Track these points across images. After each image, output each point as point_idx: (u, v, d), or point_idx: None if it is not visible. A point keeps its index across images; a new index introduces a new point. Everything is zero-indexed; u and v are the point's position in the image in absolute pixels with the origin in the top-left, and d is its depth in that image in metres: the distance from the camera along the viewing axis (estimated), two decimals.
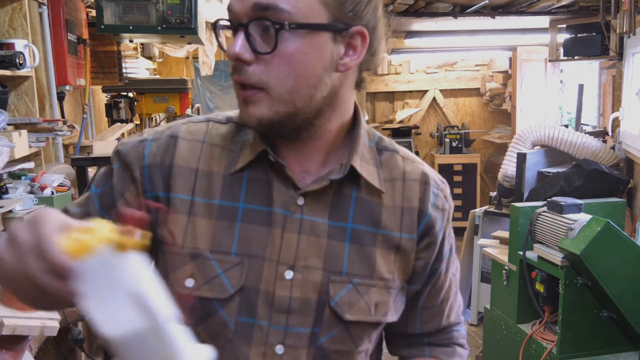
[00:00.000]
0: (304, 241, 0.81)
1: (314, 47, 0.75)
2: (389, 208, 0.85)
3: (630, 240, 2.39)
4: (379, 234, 0.84)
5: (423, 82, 6.92)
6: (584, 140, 3.69)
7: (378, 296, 0.84)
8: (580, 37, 3.96)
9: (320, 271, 0.81)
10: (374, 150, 0.88)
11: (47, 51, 2.63)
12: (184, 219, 0.80)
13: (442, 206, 0.89)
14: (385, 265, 0.84)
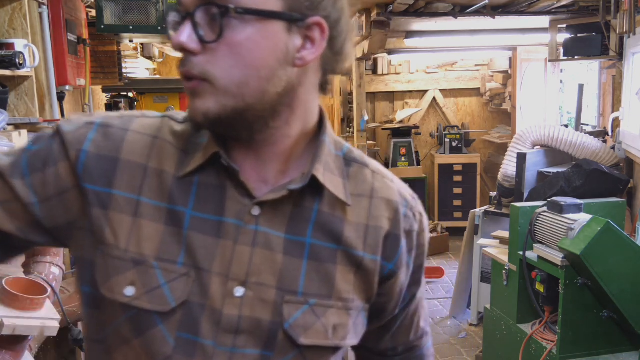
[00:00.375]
0: (257, 255, 0.73)
1: (266, 36, 0.69)
2: (352, 224, 0.78)
3: (630, 240, 2.39)
4: (339, 251, 0.77)
5: (423, 82, 6.92)
6: (584, 140, 3.69)
7: (337, 318, 0.76)
8: (580, 37, 3.96)
9: (274, 290, 0.73)
10: (341, 160, 0.80)
11: (47, 51, 2.63)
12: (129, 221, 0.72)
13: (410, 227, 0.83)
14: (345, 285, 0.77)
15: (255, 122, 0.72)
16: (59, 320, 1.76)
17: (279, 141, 0.75)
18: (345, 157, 0.81)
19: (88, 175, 0.73)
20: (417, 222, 0.84)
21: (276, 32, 0.69)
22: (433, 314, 4.38)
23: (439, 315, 4.37)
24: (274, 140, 0.75)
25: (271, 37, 0.69)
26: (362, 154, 0.84)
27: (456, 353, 3.77)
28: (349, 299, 0.77)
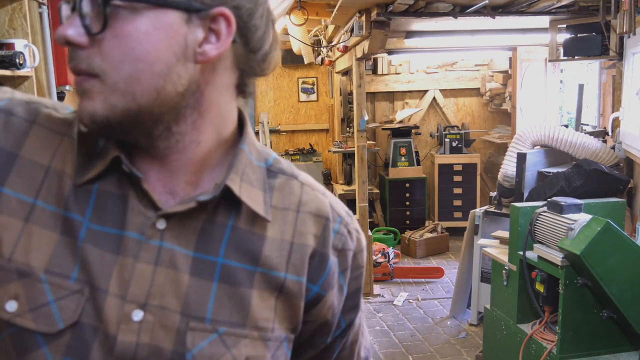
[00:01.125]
0: (160, 275, 0.64)
1: (159, 27, 0.61)
2: (274, 242, 0.69)
3: (630, 240, 2.39)
4: (257, 273, 0.68)
5: (423, 82, 6.92)
6: (584, 140, 3.69)
7: (251, 349, 0.67)
8: (580, 37, 3.96)
9: (177, 315, 0.64)
10: (263, 171, 0.72)
11: (47, 51, 2.63)
12: (18, 225, 0.63)
13: (343, 245, 0.74)
14: (263, 312, 0.68)
15: (153, 127, 0.64)
16: None
17: (187, 148, 0.67)
18: (270, 168, 0.73)
19: None
20: (352, 240, 0.76)
21: (172, 23, 0.61)
22: (433, 314, 4.38)
23: (439, 315, 4.37)
24: (181, 147, 0.66)
25: (166, 28, 0.61)
26: (290, 165, 0.77)
27: (456, 353, 3.77)
28: (267, 327, 0.68)
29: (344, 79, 6.71)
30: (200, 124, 0.67)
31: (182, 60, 0.63)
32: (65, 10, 0.63)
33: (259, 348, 0.68)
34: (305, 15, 5.33)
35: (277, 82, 7.96)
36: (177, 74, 0.63)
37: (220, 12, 0.62)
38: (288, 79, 7.98)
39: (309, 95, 8.04)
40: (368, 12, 4.31)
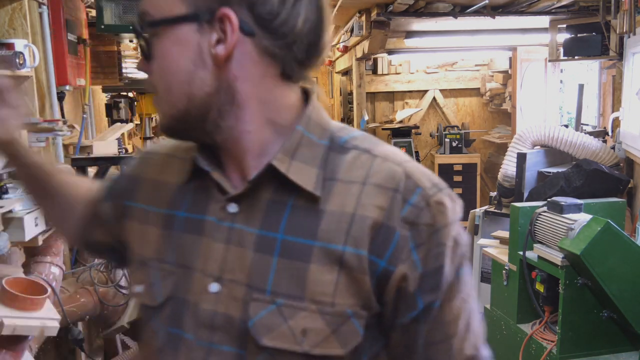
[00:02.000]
0: (231, 252, 0.73)
1: (175, 42, 0.70)
2: (334, 215, 0.70)
3: (630, 240, 2.39)
4: (315, 247, 0.70)
5: (423, 82, 6.91)
6: (584, 140, 3.69)
7: (309, 322, 0.69)
8: (580, 37, 3.96)
9: (244, 287, 0.71)
10: (323, 149, 0.74)
11: (47, 51, 2.63)
12: (139, 228, 0.82)
13: (416, 218, 0.70)
14: (321, 286, 0.69)
15: (202, 125, 0.72)
16: (59, 320, 1.76)
17: (241, 138, 0.73)
18: (344, 145, 0.75)
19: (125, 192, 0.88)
20: (431, 213, 0.71)
21: (185, 35, 0.69)
22: None
23: None
24: (235, 138, 0.73)
25: (180, 41, 0.70)
26: (372, 141, 0.77)
27: None
28: (326, 301, 0.69)
29: (344, 79, 6.71)
30: (243, 115, 0.72)
31: (200, 65, 0.70)
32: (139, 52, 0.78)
33: (317, 321, 0.69)
34: None
35: None
36: (200, 78, 0.70)
37: (221, 13, 0.68)
38: None
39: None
40: (368, 12, 4.31)
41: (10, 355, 1.63)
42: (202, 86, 0.70)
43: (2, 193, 1.86)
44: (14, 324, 1.58)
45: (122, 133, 3.95)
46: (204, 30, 0.69)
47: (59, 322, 1.77)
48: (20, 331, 1.60)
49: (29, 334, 1.65)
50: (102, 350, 3.15)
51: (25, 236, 1.78)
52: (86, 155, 2.83)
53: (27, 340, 1.70)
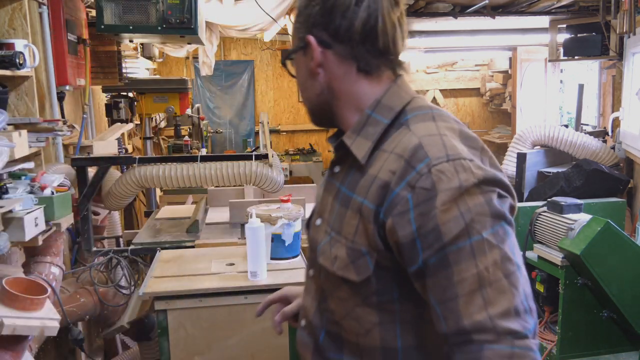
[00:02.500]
0: (327, 199, 1.04)
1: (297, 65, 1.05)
2: (369, 176, 0.92)
3: (630, 240, 2.39)
4: (352, 198, 0.95)
5: (423, 82, 6.92)
6: (584, 140, 3.69)
7: (340, 251, 0.95)
8: (580, 37, 3.96)
9: (326, 222, 1.02)
10: (383, 126, 0.95)
11: (47, 51, 2.63)
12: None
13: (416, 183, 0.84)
14: (350, 227, 0.94)
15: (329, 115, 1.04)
16: (59, 320, 1.76)
17: (345, 122, 1.01)
18: (404, 123, 0.94)
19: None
20: (430, 179, 0.83)
21: (298, 60, 1.04)
22: None
23: None
24: (343, 122, 1.02)
25: (298, 64, 1.04)
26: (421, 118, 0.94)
27: None
28: (351, 239, 0.93)
29: None
30: (342, 106, 1.01)
31: (309, 77, 1.01)
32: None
33: (342, 251, 0.95)
34: None
35: (277, 82, 7.96)
36: (311, 85, 1.02)
37: (306, 39, 0.98)
38: (288, 79, 7.98)
39: None
40: None
41: (10, 355, 1.63)
42: (313, 90, 1.02)
43: (2, 193, 1.86)
44: (14, 324, 1.58)
45: (122, 133, 3.95)
46: (305, 53, 1.00)
47: (59, 322, 1.77)
48: (20, 331, 1.60)
49: (29, 334, 1.65)
50: (102, 350, 3.14)
51: (25, 236, 1.78)
52: (86, 155, 2.83)
53: (27, 340, 1.70)
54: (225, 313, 1.95)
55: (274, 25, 5.33)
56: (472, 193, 0.83)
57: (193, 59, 7.28)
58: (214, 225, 2.82)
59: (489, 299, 0.80)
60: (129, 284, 2.66)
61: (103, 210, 3.00)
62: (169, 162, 2.64)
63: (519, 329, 0.79)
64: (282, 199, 2.25)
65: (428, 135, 0.88)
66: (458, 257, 0.82)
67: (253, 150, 6.00)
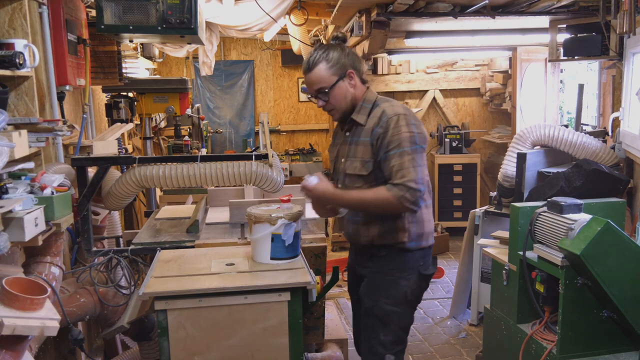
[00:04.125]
0: (346, 147, 2.30)
1: (337, 89, 2.23)
2: (367, 129, 2.21)
3: (630, 240, 2.39)
4: (360, 140, 2.24)
5: (423, 82, 6.92)
6: (584, 140, 3.69)
7: (357, 163, 2.23)
8: (580, 37, 3.96)
9: (347, 156, 2.29)
10: (369, 108, 2.26)
11: (47, 51, 2.63)
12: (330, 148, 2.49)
13: (380, 124, 2.17)
14: (359, 152, 2.23)
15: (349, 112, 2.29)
16: (59, 320, 1.76)
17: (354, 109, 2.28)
18: (373, 106, 2.25)
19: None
20: (387, 123, 2.15)
21: (340, 85, 2.23)
22: (433, 314, 4.38)
23: (439, 315, 4.37)
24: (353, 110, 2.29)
25: (340, 88, 2.24)
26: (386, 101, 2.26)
27: (456, 353, 3.77)
28: (361, 156, 2.22)
29: None
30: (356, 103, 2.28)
31: (347, 92, 2.25)
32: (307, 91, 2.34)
33: (357, 162, 2.24)
34: (305, 15, 5.32)
35: (277, 82, 7.96)
36: (348, 96, 2.26)
37: (349, 72, 2.23)
38: (288, 79, 7.98)
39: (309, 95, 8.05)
40: (368, 12, 4.31)
41: (10, 355, 1.63)
42: (349, 100, 2.26)
43: (2, 193, 1.86)
44: (14, 324, 1.58)
45: (122, 133, 3.95)
46: (345, 80, 2.23)
47: (59, 322, 1.77)
48: (20, 331, 1.60)
49: (29, 334, 1.65)
50: (102, 350, 3.14)
51: (25, 236, 1.78)
52: (86, 155, 2.83)
53: (27, 340, 1.70)
54: (225, 313, 1.95)
55: (274, 25, 5.33)
56: (403, 130, 2.13)
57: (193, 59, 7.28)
58: (214, 225, 2.82)
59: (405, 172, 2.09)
60: (129, 284, 2.66)
61: (103, 210, 3.00)
62: (169, 162, 2.63)
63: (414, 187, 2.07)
64: (282, 199, 2.25)
65: (388, 107, 2.21)
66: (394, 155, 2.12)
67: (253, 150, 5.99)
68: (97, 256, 2.59)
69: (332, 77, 2.17)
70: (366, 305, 2.29)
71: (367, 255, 2.31)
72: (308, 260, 2.28)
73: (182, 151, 4.80)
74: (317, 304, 2.45)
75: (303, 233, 2.46)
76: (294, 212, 2.17)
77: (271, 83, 7.97)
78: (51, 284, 2.03)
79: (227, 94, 7.93)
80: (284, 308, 1.98)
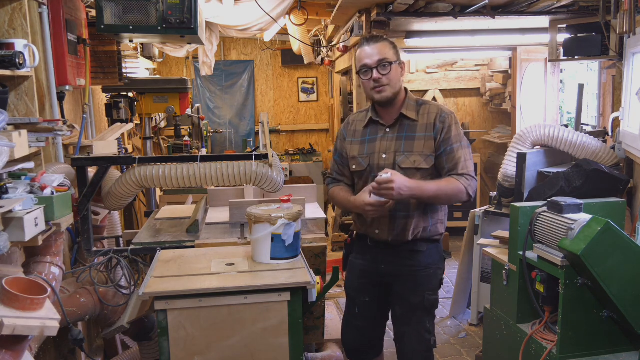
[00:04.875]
0: (387, 142, 2.39)
1: (395, 69, 2.34)
2: (422, 125, 2.36)
3: (630, 240, 2.39)
4: (416, 135, 2.35)
5: (423, 82, 6.92)
6: (584, 140, 3.69)
7: (416, 158, 2.33)
8: (580, 37, 3.96)
9: (392, 152, 2.37)
10: (414, 105, 2.40)
11: (47, 51, 2.63)
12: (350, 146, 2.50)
13: (440, 119, 2.33)
14: (419, 146, 2.34)
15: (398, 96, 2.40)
16: (59, 320, 1.76)
17: (398, 103, 2.41)
18: (418, 103, 2.42)
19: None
20: (446, 118, 2.33)
21: (396, 68, 2.34)
22: None
23: (439, 315, 4.37)
24: (397, 104, 2.41)
25: (396, 69, 2.35)
26: (429, 102, 2.43)
27: (456, 353, 3.77)
28: (420, 151, 2.34)
29: (344, 79, 6.70)
30: (401, 95, 2.41)
31: (400, 77, 2.38)
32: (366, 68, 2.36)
33: (418, 157, 2.33)
34: (305, 15, 5.32)
35: (277, 82, 7.96)
36: (400, 81, 2.39)
37: (402, 61, 2.40)
38: (288, 79, 7.98)
39: (309, 95, 8.04)
40: (368, 12, 4.31)
41: (10, 355, 1.63)
42: (400, 84, 2.38)
43: (2, 193, 1.86)
44: (14, 324, 1.58)
45: (122, 133, 3.95)
46: (400, 65, 2.38)
47: (59, 322, 1.77)
48: (20, 331, 1.60)
49: (29, 334, 1.65)
50: (102, 350, 3.15)
51: (25, 236, 1.78)
52: (86, 155, 2.83)
53: (27, 340, 1.70)
54: (225, 313, 1.95)
55: (274, 25, 5.33)
56: (458, 126, 2.36)
57: (193, 59, 7.28)
58: (214, 225, 2.82)
59: (466, 165, 2.32)
60: (129, 284, 2.66)
61: (103, 210, 3.00)
62: (169, 162, 2.63)
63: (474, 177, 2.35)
64: (282, 199, 2.25)
65: (439, 105, 2.40)
66: (456, 146, 2.33)
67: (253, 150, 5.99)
68: (97, 256, 2.59)
69: (395, 57, 2.31)
70: (414, 302, 2.44)
71: (405, 252, 2.42)
72: (308, 260, 2.28)
73: (182, 151, 4.80)
74: (317, 304, 2.45)
75: (303, 233, 2.46)
76: (294, 212, 2.17)
77: (271, 83, 7.97)
78: (51, 284, 2.03)
79: (227, 94, 7.92)
80: (284, 308, 1.98)
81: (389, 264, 2.43)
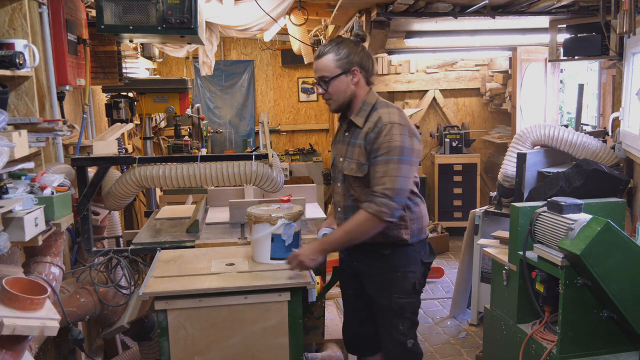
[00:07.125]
0: (344, 147, 2.34)
1: (340, 81, 2.27)
2: (363, 132, 2.24)
3: (630, 240, 2.39)
4: (357, 142, 2.26)
5: (423, 82, 6.92)
6: (584, 140, 3.69)
7: (353, 164, 2.27)
8: (580, 37, 3.95)
9: (345, 157, 2.32)
10: (368, 110, 2.28)
11: (47, 51, 2.63)
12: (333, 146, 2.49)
13: (374, 130, 2.20)
14: (356, 154, 2.25)
15: (347, 107, 2.32)
16: (59, 320, 1.76)
17: (354, 109, 2.31)
18: (372, 108, 2.28)
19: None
20: (381, 130, 2.18)
21: (342, 79, 2.27)
22: (433, 314, 4.38)
23: (439, 315, 4.37)
24: (354, 110, 2.31)
25: (342, 81, 2.27)
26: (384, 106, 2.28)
27: (456, 353, 3.77)
28: (356, 159, 2.25)
29: None
30: (356, 101, 2.31)
31: (348, 87, 2.28)
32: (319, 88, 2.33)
33: (354, 164, 2.26)
34: (305, 15, 5.32)
35: (277, 82, 7.96)
36: (348, 92, 2.29)
37: (353, 69, 2.26)
38: (288, 79, 7.97)
39: (309, 95, 8.04)
40: (368, 12, 4.31)
41: (10, 355, 1.63)
42: (347, 95, 2.29)
43: (2, 193, 1.85)
44: (14, 324, 1.58)
45: (122, 133, 3.95)
46: (348, 75, 2.26)
47: (59, 322, 1.77)
48: (20, 331, 1.60)
49: (29, 334, 1.65)
50: (102, 350, 3.14)
51: (25, 236, 1.78)
52: (86, 155, 2.83)
53: (27, 340, 1.70)
54: (225, 313, 1.95)
55: (274, 25, 5.33)
56: (394, 139, 2.16)
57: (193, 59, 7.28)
58: (214, 225, 2.82)
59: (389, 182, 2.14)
60: (129, 284, 2.66)
61: (103, 210, 3.00)
62: (169, 162, 2.63)
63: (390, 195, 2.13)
64: (282, 199, 2.25)
65: (385, 113, 2.23)
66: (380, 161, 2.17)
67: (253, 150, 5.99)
68: (97, 256, 2.59)
69: (336, 70, 2.23)
70: (381, 303, 2.35)
71: (371, 253, 2.33)
72: None
73: (182, 151, 4.80)
74: (317, 304, 2.45)
75: (303, 233, 2.46)
76: (294, 212, 2.17)
77: (271, 83, 7.97)
78: (51, 284, 2.03)
79: (227, 94, 7.92)
80: (284, 308, 1.98)
81: (359, 262, 2.39)
